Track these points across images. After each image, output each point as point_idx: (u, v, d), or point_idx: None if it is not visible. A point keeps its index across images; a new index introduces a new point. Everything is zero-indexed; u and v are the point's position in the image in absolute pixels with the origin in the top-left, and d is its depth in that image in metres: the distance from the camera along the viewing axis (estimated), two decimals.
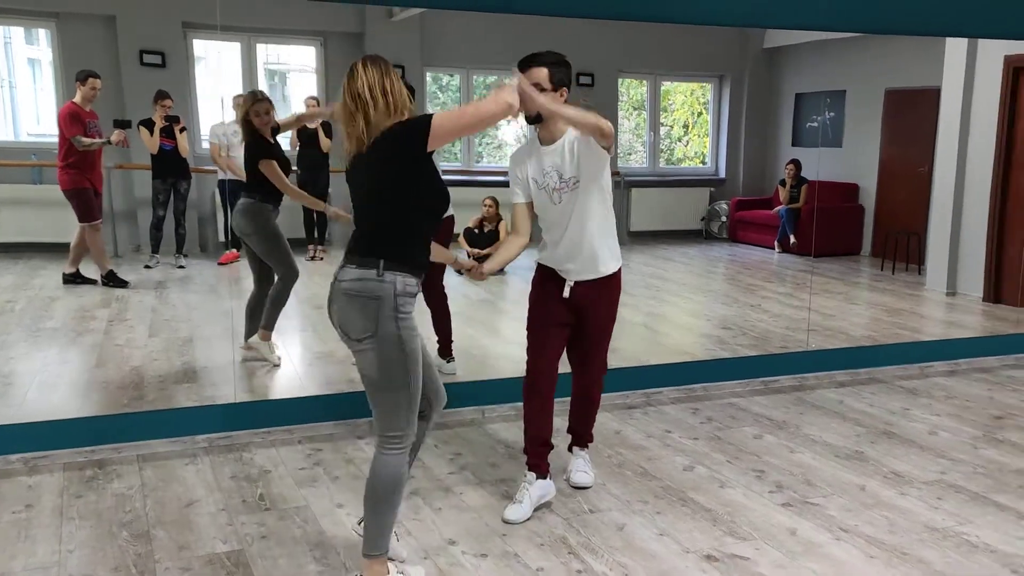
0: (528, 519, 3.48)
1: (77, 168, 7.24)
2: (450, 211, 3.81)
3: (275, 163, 5.19)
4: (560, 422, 3.82)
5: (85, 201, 7.30)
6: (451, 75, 11.39)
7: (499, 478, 3.90)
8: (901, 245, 9.45)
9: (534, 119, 3.38)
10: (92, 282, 7.51)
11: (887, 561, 3.18)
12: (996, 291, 7.81)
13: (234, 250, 8.47)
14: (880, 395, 5.21)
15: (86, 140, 7.20)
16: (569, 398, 3.83)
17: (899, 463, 4.13)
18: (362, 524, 2.92)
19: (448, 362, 5.32)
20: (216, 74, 10.10)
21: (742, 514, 3.57)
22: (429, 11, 9.54)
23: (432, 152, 2.76)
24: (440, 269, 5.04)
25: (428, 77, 11.01)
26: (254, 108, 5.17)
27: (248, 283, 5.64)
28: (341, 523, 3.44)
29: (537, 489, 3.57)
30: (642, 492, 3.77)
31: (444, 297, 5.27)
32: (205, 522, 3.42)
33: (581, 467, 3.84)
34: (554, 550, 3.24)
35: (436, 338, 5.29)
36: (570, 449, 3.91)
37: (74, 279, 7.51)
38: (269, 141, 5.29)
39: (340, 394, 4.82)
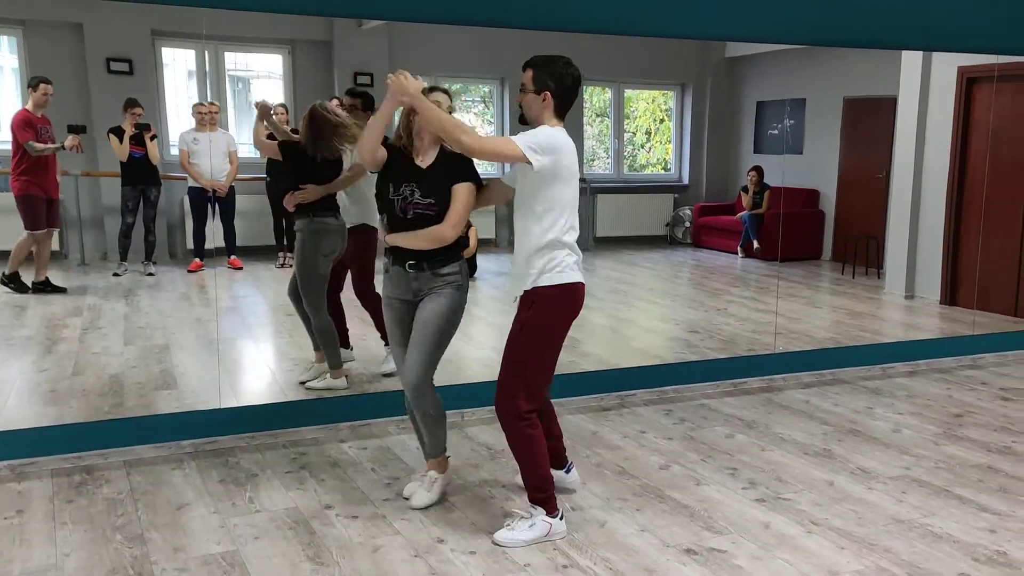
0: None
1: (29, 175, 7.22)
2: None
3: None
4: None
5: (33, 208, 7.28)
6: None
7: (482, 479, 4.01)
8: (861, 250, 9.69)
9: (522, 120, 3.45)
10: (62, 291, 7.48)
11: (856, 552, 3.34)
12: (952, 294, 8.07)
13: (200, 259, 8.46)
14: (845, 395, 5.40)
15: (39, 145, 7.19)
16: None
17: (865, 459, 4.31)
18: None
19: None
20: (183, 81, 10.07)
21: (718, 510, 3.71)
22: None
23: None
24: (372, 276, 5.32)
25: None
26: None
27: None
28: (331, 523, 3.52)
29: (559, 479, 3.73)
30: (621, 490, 3.90)
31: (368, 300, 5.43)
32: (197, 524, 3.49)
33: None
34: (540, 547, 3.35)
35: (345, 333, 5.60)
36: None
37: (43, 287, 7.48)
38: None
39: (321, 399, 4.89)
